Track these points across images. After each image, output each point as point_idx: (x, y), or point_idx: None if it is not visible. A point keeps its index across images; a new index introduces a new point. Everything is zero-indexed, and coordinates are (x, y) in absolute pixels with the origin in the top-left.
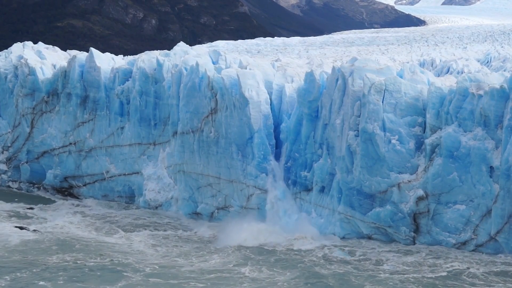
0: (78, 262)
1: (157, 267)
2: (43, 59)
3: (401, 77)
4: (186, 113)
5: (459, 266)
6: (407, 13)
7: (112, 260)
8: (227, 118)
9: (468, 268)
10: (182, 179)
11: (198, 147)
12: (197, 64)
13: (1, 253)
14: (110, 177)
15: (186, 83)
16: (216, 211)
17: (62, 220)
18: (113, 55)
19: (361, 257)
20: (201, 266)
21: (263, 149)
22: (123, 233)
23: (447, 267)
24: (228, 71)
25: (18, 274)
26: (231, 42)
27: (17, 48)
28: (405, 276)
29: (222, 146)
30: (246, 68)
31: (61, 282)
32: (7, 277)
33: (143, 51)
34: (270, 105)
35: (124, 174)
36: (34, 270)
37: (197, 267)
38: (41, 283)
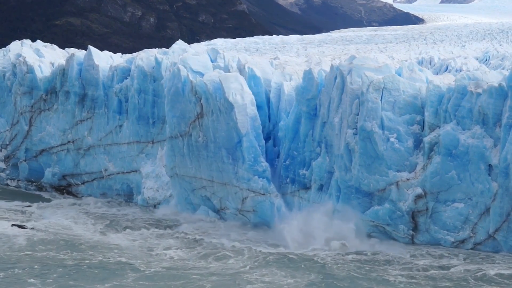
0: (75, 260)
1: (159, 267)
2: (42, 57)
3: (399, 75)
4: (173, 117)
5: (465, 266)
6: (405, 11)
7: (109, 258)
8: (214, 123)
9: (473, 268)
10: (176, 182)
11: (188, 151)
12: (178, 69)
13: None
14: (109, 175)
15: (169, 88)
16: (212, 213)
17: (60, 218)
18: (111, 53)
19: (364, 258)
20: (206, 267)
21: (253, 151)
22: (122, 231)
23: (456, 268)
24: (210, 75)
25: (15, 270)
26: (229, 40)
27: (15, 46)
28: (413, 277)
29: (211, 150)
30: (244, 67)
31: (54, 279)
32: (1, 274)
33: (141, 49)
34: (268, 103)
35: (123, 172)
36: (29, 267)
37: (202, 268)
38: (31, 280)
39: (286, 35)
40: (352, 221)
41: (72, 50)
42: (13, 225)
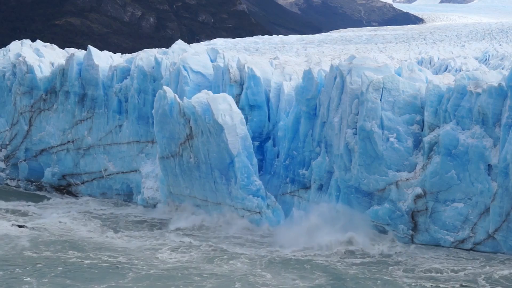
0: (74, 259)
1: (159, 267)
2: (41, 57)
3: (399, 75)
4: (163, 138)
5: (469, 267)
6: (405, 11)
7: (109, 258)
8: (205, 144)
9: (477, 269)
10: (171, 198)
11: (180, 171)
12: (164, 91)
13: None
14: (108, 175)
15: (157, 109)
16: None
17: (60, 218)
18: (111, 53)
19: (366, 258)
20: (209, 268)
21: (246, 171)
22: (121, 231)
23: (460, 269)
24: (198, 97)
25: (14, 270)
26: (229, 40)
27: (15, 46)
28: (419, 278)
29: (203, 171)
30: (244, 67)
31: (52, 279)
32: (0, 273)
33: (141, 49)
34: (268, 103)
35: (122, 172)
36: (28, 266)
37: (205, 269)
38: (29, 279)
39: (286, 35)
40: (351, 221)
41: (72, 50)
42: (13, 224)
